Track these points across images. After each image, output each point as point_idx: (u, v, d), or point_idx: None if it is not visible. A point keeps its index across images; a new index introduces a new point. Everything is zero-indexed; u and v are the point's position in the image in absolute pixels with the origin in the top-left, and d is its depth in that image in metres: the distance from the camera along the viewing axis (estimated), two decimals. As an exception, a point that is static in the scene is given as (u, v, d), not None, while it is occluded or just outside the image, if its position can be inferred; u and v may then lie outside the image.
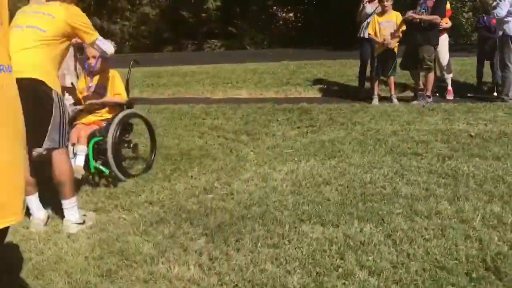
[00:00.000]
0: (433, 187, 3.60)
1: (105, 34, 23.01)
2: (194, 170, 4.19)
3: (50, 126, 2.92)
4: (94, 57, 3.82)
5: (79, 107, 4.02)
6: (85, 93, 3.88)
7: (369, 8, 7.19)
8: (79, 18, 3.13)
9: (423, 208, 3.22)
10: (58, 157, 3.03)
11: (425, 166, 4.06)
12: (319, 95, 8.05)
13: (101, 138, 3.79)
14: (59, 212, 3.26)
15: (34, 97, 2.84)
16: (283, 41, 18.33)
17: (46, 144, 2.96)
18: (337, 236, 2.89)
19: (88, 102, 3.84)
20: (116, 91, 3.93)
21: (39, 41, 2.91)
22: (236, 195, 3.60)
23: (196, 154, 4.64)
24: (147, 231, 3.07)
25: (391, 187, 3.63)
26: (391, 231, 2.93)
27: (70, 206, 3.15)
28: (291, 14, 22.17)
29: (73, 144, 3.73)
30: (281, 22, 21.98)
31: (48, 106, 2.88)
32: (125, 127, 4.04)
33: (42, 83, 2.84)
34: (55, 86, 2.94)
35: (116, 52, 3.62)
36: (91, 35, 3.19)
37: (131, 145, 4.14)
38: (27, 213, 3.27)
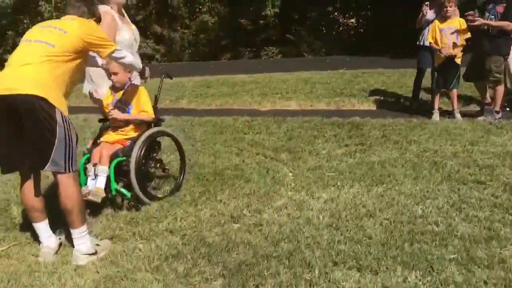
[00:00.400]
0: (498, 226, 3.05)
1: (166, 41, 23.45)
2: (225, 193, 3.85)
3: (53, 148, 2.68)
4: (115, 73, 3.59)
5: (105, 124, 3.81)
6: (110, 109, 3.66)
7: (430, 14, 6.57)
8: (94, 33, 2.89)
9: (483, 254, 2.70)
10: (64, 181, 2.79)
11: (489, 198, 3.48)
12: (374, 107, 7.48)
13: (124, 158, 3.54)
14: (73, 238, 3.01)
15: (34, 116, 2.62)
16: (343, 48, 17.72)
17: (49, 167, 2.73)
18: (375, 287, 2.44)
19: (110, 117, 3.60)
20: (142, 108, 3.68)
21: (46, 56, 2.68)
22: (265, 227, 3.22)
23: (230, 174, 4.30)
24: (160, 267, 2.76)
25: (445, 224, 3.11)
26: (441, 284, 2.45)
27: (80, 236, 2.90)
28: (352, 20, 21.50)
29: (95, 165, 3.51)
30: (341, 29, 21.36)
31: (49, 126, 2.65)
32: (153, 145, 3.78)
33: (41, 99, 2.61)
34: (60, 105, 2.70)
35: (176, 60, 3.58)
36: (107, 48, 2.96)
37: (158, 165, 3.87)
38: (38, 240, 3.07)
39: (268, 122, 6.37)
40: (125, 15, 4.29)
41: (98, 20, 3.18)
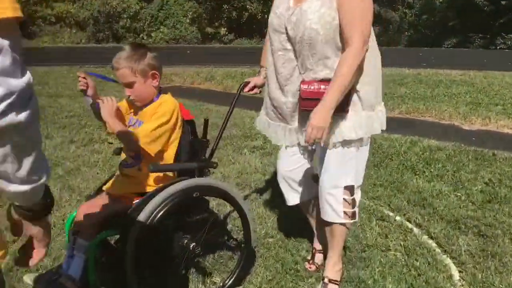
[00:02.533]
0: None
1: (382, 21, 21.07)
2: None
3: None
4: (128, 84, 1.96)
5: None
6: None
7: None
8: None
9: None
10: None
11: None
12: None
13: (115, 232, 1.96)
14: None
15: None
16: None
17: None
18: None
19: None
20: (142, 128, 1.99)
21: None
22: None
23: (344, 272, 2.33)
24: None
25: None
26: None
27: None
28: None
29: (75, 233, 2.00)
30: None
31: None
32: (188, 210, 2.09)
33: None
34: None
35: (392, 43, 1.94)
36: None
37: (207, 237, 2.13)
38: None
39: (462, 157, 4.03)
40: None
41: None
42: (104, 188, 2.13)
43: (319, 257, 2.46)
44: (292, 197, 2.33)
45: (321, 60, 1.90)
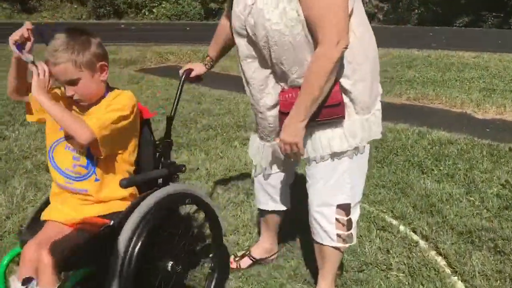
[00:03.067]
0: None
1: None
2: None
3: None
4: (71, 82, 1.54)
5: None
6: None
7: None
8: None
9: None
10: None
11: None
12: None
13: (89, 270, 1.58)
14: None
15: None
16: None
17: None
18: None
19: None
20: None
21: None
22: None
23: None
24: None
25: None
26: None
27: None
28: None
29: (26, 281, 1.58)
30: None
31: None
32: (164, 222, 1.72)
33: None
34: None
35: (400, 22, 1.38)
36: None
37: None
38: None
39: (475, 152, 3.63)
40: None
41: None
42: (45, 217, 1.69)
43: (246, 262, 2.19)
44: (266, 201, 2.03)
45: (296, 66, 1.51)
